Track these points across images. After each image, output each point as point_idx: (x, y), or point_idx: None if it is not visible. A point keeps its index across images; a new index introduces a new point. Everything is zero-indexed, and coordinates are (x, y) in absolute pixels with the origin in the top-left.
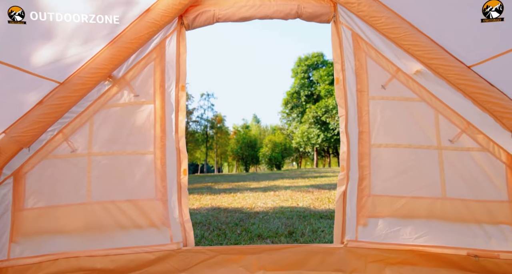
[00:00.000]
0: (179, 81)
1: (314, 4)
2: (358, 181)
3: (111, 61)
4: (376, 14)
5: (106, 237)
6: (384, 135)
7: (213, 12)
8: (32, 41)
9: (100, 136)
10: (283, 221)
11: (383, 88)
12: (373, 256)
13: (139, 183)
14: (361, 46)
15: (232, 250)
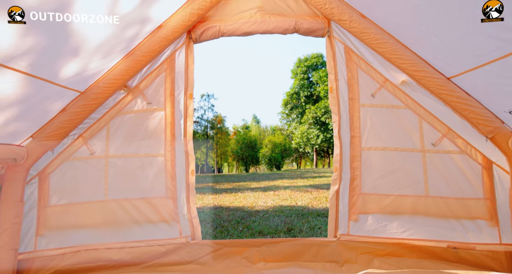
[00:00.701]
0: (187, 90)
1: (310, 21)
2: (349, 181)
3: (127, 72)
4: (366, 30)
5: (122, 231)
6: (373, 139)
7: (219, 28)
8: (63, 57)
9: (116, 140)
10: (282, 219)
11: (372, 96)
12: (363, 248)
13: (152, 182)
14: (353, 58)
15: (236, 243)
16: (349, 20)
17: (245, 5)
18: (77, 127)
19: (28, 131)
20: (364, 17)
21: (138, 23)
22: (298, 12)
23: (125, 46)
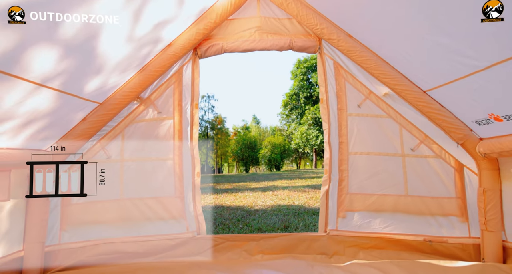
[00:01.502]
0: (193, 101)
1: (303, 39)
2: (338, 182)
3: (140, 85)
4: (352, 48)
5: (136, 227)
6: (359, 145)
7: (221, 45)
8: (88, 75)
9: (130, 145)
10: (280, 217)
11: (358, 107)
12: (350, 242)
13: (162, 183)
14: (341, 73)
15: (236, 237)
16: (337, 39)
17: (245, 25)
18: (95, 134)
19: (54, 138)
20: (350, 37)
21: (151, 43)
22: (293, 31)
23: (139, 63)
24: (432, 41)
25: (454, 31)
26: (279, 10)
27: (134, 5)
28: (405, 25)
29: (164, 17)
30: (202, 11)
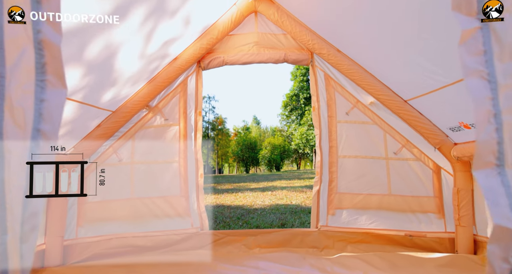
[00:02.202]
0: (197, 108)
1: (297, 53)
2: (328, 183)
3: (149, 95)
4: (341, 62)
5: (145, 223)
6: (348, 149)
7: (223, 58)
8: (105, 88)
9: (139, 149)
10: (277, 215)
11: (347, 114)
12: (339, 237)
13: (168, 184)
14: (331, 83)
15: (236, 233)
16: (327, 54)
17: (244, 40)
18: (108, 139)
19: (73, 142)
20: (339, 52)
21: (160, 58)
22: (287, 46)
23: (148, 75)
24: (409, 59)
25: (426, 52)
26: (275, 26)
27: (147, 28)
28: (386, 43)
29: (172, 35)
30: (205, 28)
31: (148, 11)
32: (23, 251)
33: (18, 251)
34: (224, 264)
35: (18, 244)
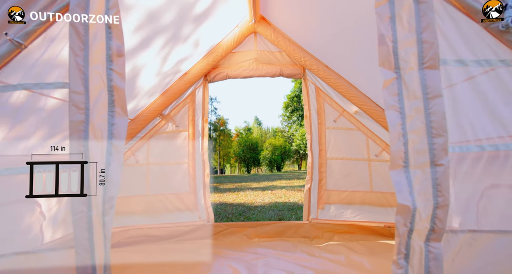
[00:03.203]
0: (204, 116)
1: (291, 68)
2: (318, 181)
3: (162, 105)
4: (328, 76)
5: (159, 216)
6: (335, 152)
7: (226, 73)
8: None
9: (154, 152)
10: (276, 212)
11: (334, 122)
12: (327, 228)
13: (179, 182)
14: (321, 94)
15: (238, 225)
16: (317, 69)
17: (245, 57)
18: (127, 143)
19: None
20: (327, 67)
21: (172, 74)
22: (283, 62)
23: (162, 88)
24: None
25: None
26: (272, 45)
27: (164, 52)
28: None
29: (183, 55)
30: (211, 47)
31: (166, 40)
32: (105, 221)
33: (101, 221)
34: (227, 250)
35: (101, 217)
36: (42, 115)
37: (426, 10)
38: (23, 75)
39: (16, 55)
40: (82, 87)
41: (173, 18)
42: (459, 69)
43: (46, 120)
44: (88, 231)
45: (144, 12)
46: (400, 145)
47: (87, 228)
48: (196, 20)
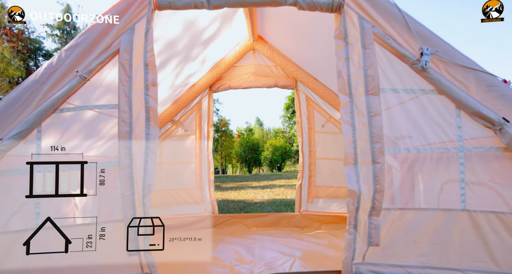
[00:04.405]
0: (209, 122)
1: (284, 80)
2: (308, 178)
3: (173, 113)
4: (317, 87)
5: (171, 208)
6: (323, 153)
7: (229, 84)
8: None
9: (166, 153)
10: (273, 207)
11: (322, 127)
12: (316, 219)
13: (188, 179)
14: (311, 103)
15: (239, 216)
16: (307, 81)
17: (244, 70)
18: None
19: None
20: (316, 79)
21: (182, 86)
22: (277, 74)
23: (173, 98)
24: None
25: None
26: (268, 60)
27: (177, 70)
28: None
29: (192, 71)
30: (215, 63)
31: (179, 60)
32: (145, 202)
33: (141, 203)
34: (229, 237)
35: (142, 199)
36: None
37: (370, 54)
38: (86, 99)
39: (82, 85)
40: (127, 108)
41: (186, 44)
42: (393, 96)
43: (95, 129)
44: (132, 209)
45: (165, 41)
46: (351, 148)
47: (132, 207)
48: (204, 43)
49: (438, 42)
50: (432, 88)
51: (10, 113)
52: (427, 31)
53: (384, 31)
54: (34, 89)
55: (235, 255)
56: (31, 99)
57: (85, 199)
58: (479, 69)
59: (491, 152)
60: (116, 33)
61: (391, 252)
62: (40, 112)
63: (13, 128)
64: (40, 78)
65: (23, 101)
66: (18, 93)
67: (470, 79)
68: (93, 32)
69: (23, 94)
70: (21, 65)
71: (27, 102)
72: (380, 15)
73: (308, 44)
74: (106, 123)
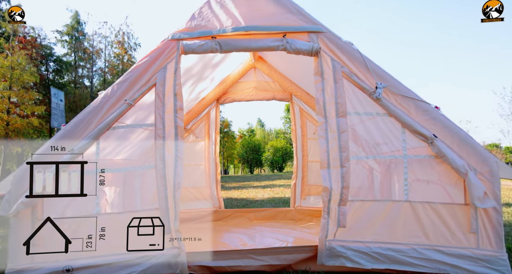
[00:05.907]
0: (216, 130)
1: (281, 94)
2: (301, 178)
3: (186, 122)
4: (309, 101)
5: (183, 204)
6: (314, 156)
7: (233, 98)
8: None
9: None
10: (272, 205)
11: (314, 134)
12: (308, 213)
13: (198, 178)
14: (304, 114)
15: (242, 211)
16: (301, 95)
17: (246, 85)
18: None
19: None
20: (308, 94)
21: (194, 100)
22: (275, 89)
23: (186, 110)
24: None
25: None
26: (267, 77)
27: (191, 88)
28: None
29: (202, 88)
30: (221, 79)
31: (193, 81)
32: (175, 195)
33: (172, 197)
34: (234, 228)
35: (173, 192)
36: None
37: (340, 86)
38: (133, 120)
39: (128, 110)
40: (161, 126)
41: (199, 68)
42: (356, 117)
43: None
44: (165, 200)
45: (184, 68)
46: (325, 156)
47: (164, 198)
48: (213, 66)
49: (389, 78)
50: (384, 112)
51: (77, 131)
52: (381, 70)
53: (350, 70)
54: (93, 113)
55: (240, 241)
56: (91, 120)
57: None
58: (418, 98)
59: (426, 159)
60: (153, 71)
61: (354, 231)
62: (98, 130)
63: (79, 141)
64: (98, 105)
65: (86, 122)
66: (83, 116)
67: (411, 106)
68: (137, 71)
69: (86, 117)
70: (34, 72)
71: (89, 123)
72: (347, 58)
73: (300, 64)
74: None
